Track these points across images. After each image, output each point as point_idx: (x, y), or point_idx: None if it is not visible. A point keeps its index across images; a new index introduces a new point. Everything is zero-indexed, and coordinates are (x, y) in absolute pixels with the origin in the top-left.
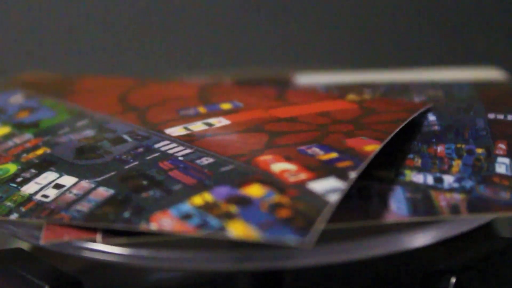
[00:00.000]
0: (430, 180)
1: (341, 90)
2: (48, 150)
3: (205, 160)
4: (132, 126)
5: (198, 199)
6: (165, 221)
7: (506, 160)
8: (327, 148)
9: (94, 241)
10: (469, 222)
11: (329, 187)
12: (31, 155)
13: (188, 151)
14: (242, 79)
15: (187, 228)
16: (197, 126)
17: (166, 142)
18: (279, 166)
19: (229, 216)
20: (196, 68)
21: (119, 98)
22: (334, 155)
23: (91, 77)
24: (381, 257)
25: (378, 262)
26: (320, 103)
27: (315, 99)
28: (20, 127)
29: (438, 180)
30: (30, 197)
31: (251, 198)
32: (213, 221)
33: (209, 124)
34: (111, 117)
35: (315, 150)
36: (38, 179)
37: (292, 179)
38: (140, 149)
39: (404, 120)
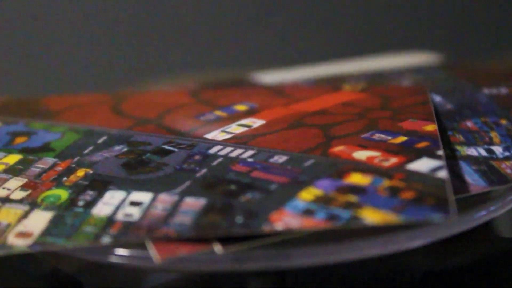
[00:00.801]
0: (483, 152)
1: (322, 83)
2: (90, 170)
3: (279, 158)
4: (164, 137)
5: (307, 195)
6: (288, 220)
7: None
8: (391, 133)
9: (213, 251)
10: (468, 221)
11: (430, 166)
12: (73, 178)
13: (251, 152)
14: (207, 82)
15: (317, 223)
16: (236, 129)
17: (219, 146)
18: (362, 154)
19: (353, 205)
20: (147, 76)
21: (115, 112)
22: (403, 138)
23: (53, 97)
24: (380, 257)
25: (378, 262)
26: (330, 95)
27: (318, 93)
28: (31, 152)
29: (490, 151)
30: (111, 219)
31: (362, 186)
32: (342, 212)
33: (246, 126)
34: (128, 131)
35: (380, 136)
36: (104, 200)
37: (386, 164)
38: (197, 157)
39: (427, 101)
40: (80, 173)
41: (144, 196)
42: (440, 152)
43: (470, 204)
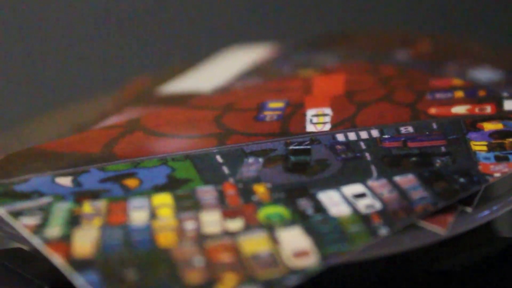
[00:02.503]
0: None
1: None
2: (267, 184)
3: (405, 129)
4: (275, 140)
5: (479, 147)
6: (497, 168)
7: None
8: (445, 91)
9: (465, 212)
10: (471, 221)
11: None
12: (262, 195)
13: (375, 130)
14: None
15: None
16: (321, 119)
17: (341, 134)
18: (459, 109)
19: None
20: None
21: (158, 136)
22: (460, 92)
23: (69, 141)
24: (381, 257)
25: (378, 262)
26: (322, 80)
27: (305, 84)
28: (168, 189)
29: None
30: (360, 214)
31: (505, 130)
32: None
33: (324, 114)
34: (228, 146)
35: (441, 95)
36: (326, 203)
37: (488, 111)
38: (339, 147)
39: (405, 67)
40: (261, 189)
41: (357, 188)
42: (505, 94)
43: (471, 204)
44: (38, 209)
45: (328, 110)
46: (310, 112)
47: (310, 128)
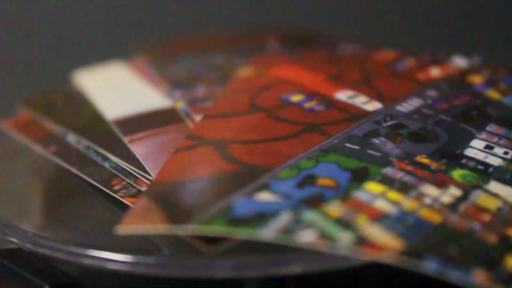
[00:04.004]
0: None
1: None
2: (423, 155)
3: (431, 92)
4: (360, 123)
5: (493, 94)
6: None
7: None
8: (398, 62)
9: None
10: None
11: (467, 60)
12: (430, 163)
13: (417, 98)
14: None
15: None
16: (361, 100)
17: (401, 107)
18: (435, 71)
19: None
20: None
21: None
22: (412, 59)
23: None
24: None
25: (377, 263)
26: (281, 73)
27: (273, 80)
28: (363, 177)
29: None
30: (508, 160)
31: (488, 79)
32: None
33: (353, 96)
34: (336, 138)
35: (401, 65)
36: (479, 158)
37: (452, 69)
38: (416, 116)
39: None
40: (423, 159)
41: (479, 143)
42: (441, 54)
43: None
44: (296, 225)
45: (351, 92)
46: (340, 97)
47: (368, 108)
